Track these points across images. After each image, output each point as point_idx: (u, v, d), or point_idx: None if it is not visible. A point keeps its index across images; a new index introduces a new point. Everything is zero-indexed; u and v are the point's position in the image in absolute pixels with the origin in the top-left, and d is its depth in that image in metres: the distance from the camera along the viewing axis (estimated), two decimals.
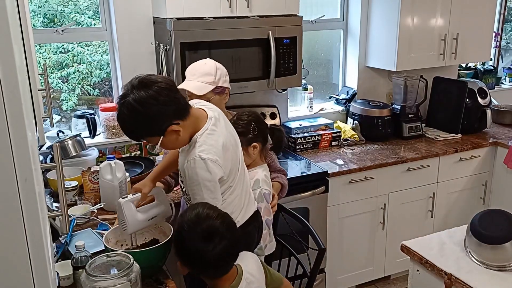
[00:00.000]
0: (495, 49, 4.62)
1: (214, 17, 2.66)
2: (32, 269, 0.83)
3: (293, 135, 3.28)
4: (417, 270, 2.01)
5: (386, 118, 3.46)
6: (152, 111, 1.60)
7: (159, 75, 1.82)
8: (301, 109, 3.62)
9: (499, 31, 4.57)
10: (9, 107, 0.76)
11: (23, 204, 0.80)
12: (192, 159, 1.67)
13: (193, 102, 1.81)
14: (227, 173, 1.75)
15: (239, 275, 1.65)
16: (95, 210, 2.33)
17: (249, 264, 1.73)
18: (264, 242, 2.09)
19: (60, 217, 1.76)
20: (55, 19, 2.94)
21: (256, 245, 2.03)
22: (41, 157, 2.65)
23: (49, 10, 2.92)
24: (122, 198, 1.85)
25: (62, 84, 3.04)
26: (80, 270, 1.67)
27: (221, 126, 1.77)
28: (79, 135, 2.75)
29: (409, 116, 3.56)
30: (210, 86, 2.11)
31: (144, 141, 1.76)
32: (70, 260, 1.74)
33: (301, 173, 2.94)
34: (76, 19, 2.95)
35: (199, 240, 1.56)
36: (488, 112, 3.65)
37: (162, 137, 1.66)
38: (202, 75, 2.12)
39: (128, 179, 2.48)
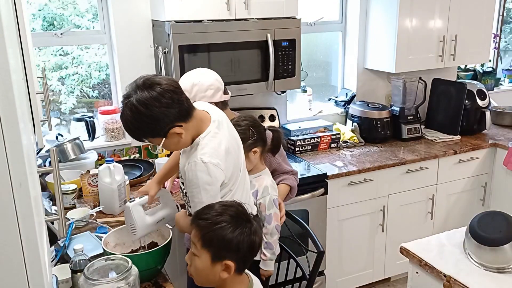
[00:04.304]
0: (494, 51, 4.62)
1: (212, 20, 2.66)
2: (28, 274, 0.83)
3: (292, 137, 3.28)
4: (417, 272, 2.01)
5: (385, 120, 3.46)
6: (155, 112, 1.59)
7: (164, 76, 1.81)
8: (300, 111, 3.61)
9: (498, 33, 4.57)
10: (3, 111, 0.75)
11: (18, 209, 0.80)
12: (193, 162, 1.66)
13: (197, 104, 1.81)
14: (228, 177, 1.74)
15: (251, 283, 1.62)
16: (94, 213, 2.33)
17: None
18: (276, 247, 2.09)
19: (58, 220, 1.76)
20: (55, 22, 2.94)
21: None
22: (40, 161, 2.65)
23: (49, 13, 2.92)
24: (130, 202, 1.84)
25: (62, 86, 3.04)
26: (79, 273, 1.67)
27: (224, 129, 1.77)
28: (78, 138, 2.74)
29: (408, 117, 3.56)
30: None
31: (146, 141, 1.76)
32: (68, 264, 1.74)
33: (301, 175, 2.91)
34: (75, 22, 2.95)
35: (242, 225, 1.49)
36: (487, 113, 3.66)
37: (164, 138, 1.66)
38: None
39: (127, 182, 2.48)
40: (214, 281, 1.52)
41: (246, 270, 1.59)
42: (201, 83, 2.14)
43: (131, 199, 1.90)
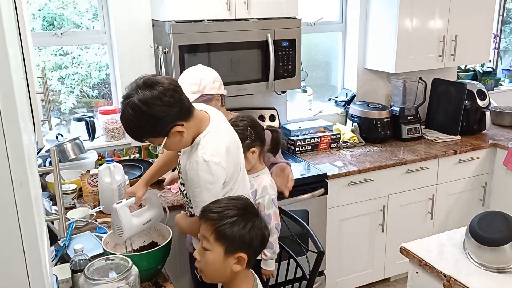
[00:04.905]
0: (494, 51, 4.62)
1: (213, 20, 2.66)
2: (28, 274, 0.83)
3: (292, 137, 3.28)
4: (417, 272, 2.01)
5: (385, 120, 3.46)
6: (156, 111, 1.59)
7: (164, 76, 1.81)
8: (300, 111, 3.61)
9: (498, 33, 4.57)
10: (4, 111, 0.75)
11: (18, 209, 0.80)
12: (194, 161, 1.66)
13: (195, 105, 1.81)
14: (229, 176, 1.74)
15: (255, 281, 1.62)
16: (94, 213, 2.33)
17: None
18: (276, 246, 2.10)
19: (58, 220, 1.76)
20: (55, 22, 2.94)
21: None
22: (40, 160, 2.64)
23: (48, 13, 2.92)
24: (117, 204, 1.84)
25: (61, 85, 3.04)
26: (79, 273, 1.67)
27: (223, 129, 1.77)
28: (78, 138, 2.74)
29: (408, 118, 3.56)
30: (194, 95, 2.10)
31: (147, 142, 1.75)
32: (68, 264, 1.74)
33: (301, 175, 2.93)
34: (75, 22, 2.95)
35: (251, 218, 1.49)
36: (487, 113, 3.66)
37: (165, 138, 1.66)
38: (187, 85, 2.12)
39: (127, 182, 2.48)
40: (224, 275, 1.50)
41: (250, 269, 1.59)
42: (208, 76, 2.19)
43: (118, 201, 1.89)
